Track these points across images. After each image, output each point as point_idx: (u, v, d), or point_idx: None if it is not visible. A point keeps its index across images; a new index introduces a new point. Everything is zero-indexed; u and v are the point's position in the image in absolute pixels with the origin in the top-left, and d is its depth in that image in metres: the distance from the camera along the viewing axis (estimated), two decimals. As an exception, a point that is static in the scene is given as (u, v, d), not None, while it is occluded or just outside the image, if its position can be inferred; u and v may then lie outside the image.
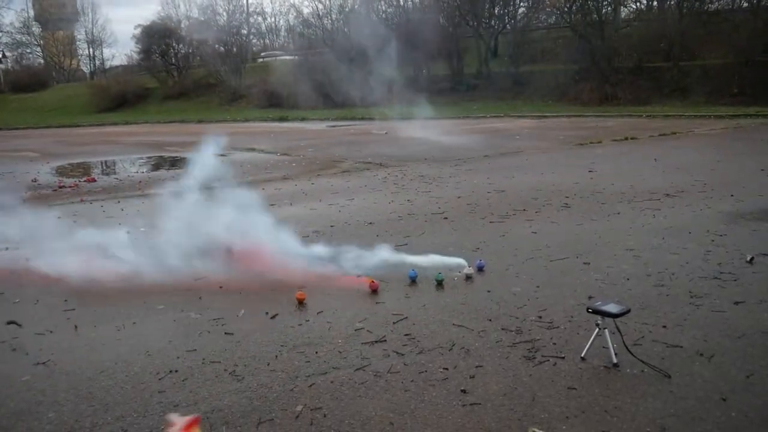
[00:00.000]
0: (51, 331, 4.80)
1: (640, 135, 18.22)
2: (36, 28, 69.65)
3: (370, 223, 8.10)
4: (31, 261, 6.43)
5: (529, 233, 7.21)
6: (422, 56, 40.59)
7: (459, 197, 9.69)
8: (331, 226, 8.01)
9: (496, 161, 13.97)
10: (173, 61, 51.00)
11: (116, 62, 68.20)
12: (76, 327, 4.86)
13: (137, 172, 15.30)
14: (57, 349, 4.45)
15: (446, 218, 8.23)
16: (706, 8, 35.27)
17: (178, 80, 50.18)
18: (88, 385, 3.88)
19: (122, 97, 48.42)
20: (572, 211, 8.28)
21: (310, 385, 3.74)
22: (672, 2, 37.06)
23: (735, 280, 5.31)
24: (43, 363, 4.22)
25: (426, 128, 21.70)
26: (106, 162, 17.98)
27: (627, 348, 3.91)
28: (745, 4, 34.76)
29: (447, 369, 3.88)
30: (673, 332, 4.30)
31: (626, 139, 17.54)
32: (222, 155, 17.25)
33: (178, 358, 4.21)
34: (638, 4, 42.44)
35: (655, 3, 40.00)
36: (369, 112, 28.47)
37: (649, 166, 12.10)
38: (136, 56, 54.67)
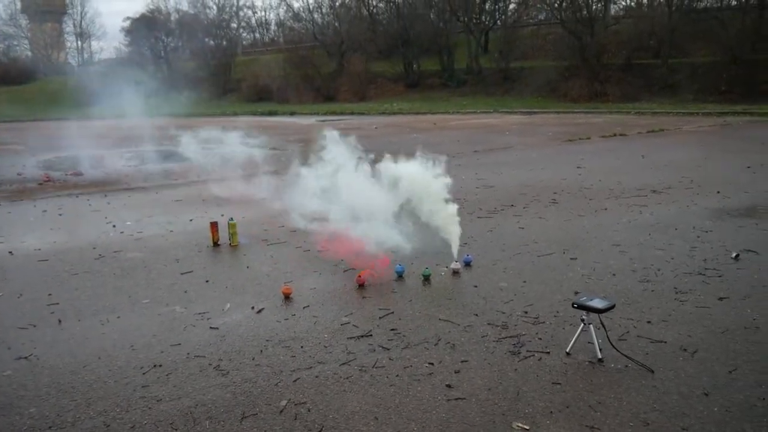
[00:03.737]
0: (34, 325, 4.75)
1: (628, 132, 18.31)
2: (23, 21, 68.92)
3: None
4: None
5: (516, 229, 7.22)
6: (413, 51, 40.55)
7: (447, 192, 9.65)
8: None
9: (486, 156, 13.97)
10: (162, 54, 50.68)
11: (105, 55, 67.71)
12: (59, 321, 4.82)
13: (126, 166, 15.18)
14: (40, 344, 4.41)
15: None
16: (695, 5, 35.47)
17: (167, 74, 49.86)
18: (71, 379, 3.84)
19: (109, 89, 48.01)
20: (560, 206, 8.31)
21: (295, 380, 3.73)
22: (661, -1, 37.21)
23: (719, 276, 5.34)
24: (26, 357, 4.18)
25: (416, 123, 21.69)
26: (93, 156, 17.83)
27: (611, 343, 3.92)
28: (734, 2, 35.00)
29: (432, 364, 3.88)
30: (658, 328, 4.32)
31: (615, 135, 17.62)
32: (209, 149, 17.18)
33: (162, 352, 4.18)
34: (628, 0, 42.59)
35: (644, 0, 40.15)
36: (359, 107, 28.45)
37: (637, 163, 12.15)
38: (125, 49, 54.33)
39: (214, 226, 7.03)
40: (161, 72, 50.13)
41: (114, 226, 8.07)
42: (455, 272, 5.65)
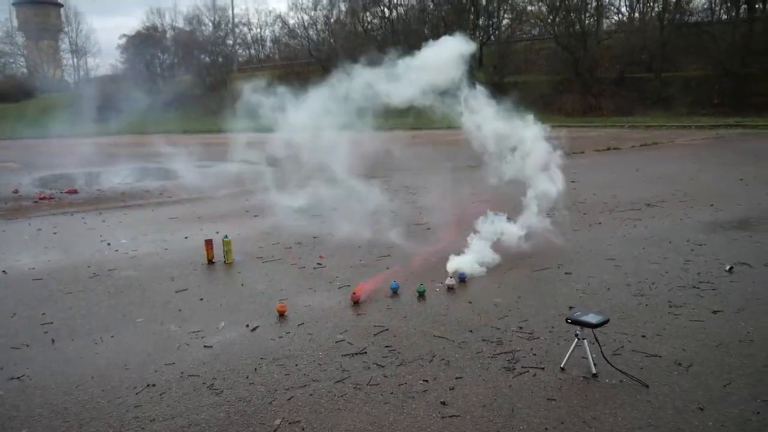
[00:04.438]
0: (27, 345, 4.72)
1: (622, 145, 18.41)
2: (20, 38, 69.19)
3: (354, 234, 8.06)
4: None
5: (513, 244, 7.20)
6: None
7: (442, 207, 9.69)
8: (314, 237, 7.99)
9: (480, 171, 14.00)
10: (158, 71, 50.88)
11: (101, 72, 67.87)
12: (53, 341, 4.79)
13: (121, 183, 15.18)
14: (33, 364, 4.38)
15: (429, 229, 8.24)
16: (686, 20, 35.84)
17: (163, 90, 49.99)
18: (63, 400, 3.82)
19: (106, 107, 48.11)
20: (554, 221, 8.31)
21: (289, 398, 3.71)
22: (653, 14, 37.59)
23: (713, 290, 5.35)
24: (18, 378, 4.15)
25: (410, 138, 21.76)
26: (89, 173, 17.83)
27: (606, 358, 3.92)
28: (724, 17, 35.34)
29: (427, 381, 3.86)
30: (652, 342, 4.32)
31: (609, 149, 17.72)
32: (204, 166, 17.20)
33: (155, 371, 4.16)
34: (620, 15, 43.00)
35: (636, 14, 40.56)
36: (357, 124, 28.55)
37: (631, 176, 12.21)
38: (120, 65, 54.51)
39: (208, 243, 7.02)
40: (157, 89, 50.28)
41: (109, 244, 8.05)
42: (450, 288, 5.64)
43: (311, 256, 7.01)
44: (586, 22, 37.22)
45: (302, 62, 47.69)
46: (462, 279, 5.86)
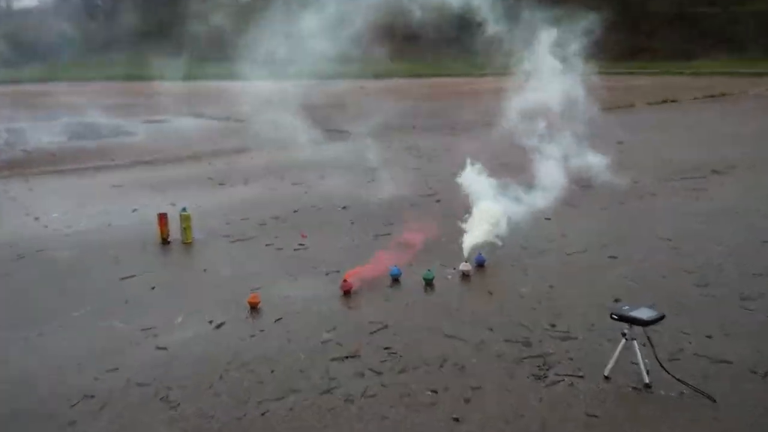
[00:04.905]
0: (-66, 346, 4.70)
1: (681, 97, 18.34)
2: None
3: (344, 207, 8.07)
4: None
5: (541, 220, 7.20)
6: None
7: (454, 174, 9.65)
8: (295, 211, 7.97)
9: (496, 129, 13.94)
10: (98, 2, 50.44)
11: (24, 4, 67.21)
12: (-34, 340, 4.76)
13: (51, 142, 15.09)
14: (-60, 369, 4.36)
15: (439, 201, 8.23)
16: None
17: (104, 27, 49.60)
18: (-22, 414, 3.80)
19: (32, 48, 47.79)
20: (596, 191, 8.30)
21: (263, 413, 3.69)
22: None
23: (796, 278, 5.35)
24: None
25: (416, 88, 21.65)
26: (9, 129, 17.71)
27: (661, 364, 3.89)
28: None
29: (436, 391, 3.85)
30: (720, 343, 4.30)
31: (664, 102, 17.66)
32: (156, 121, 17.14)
33: (96, 379, 4.13)
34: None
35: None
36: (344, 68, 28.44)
37: (692, 136, 12.17)
38: (50, -4, 53.97)
39: (162, 218, 6.99)
40: (96, 25, 49.84)
41: (37, 218, 8.02)
42: (465, 275, 5.63)
43: (291, 235, 6.98)
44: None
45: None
46: (480, 263, 5.84)
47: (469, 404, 3.71)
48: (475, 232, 6.11)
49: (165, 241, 6.92)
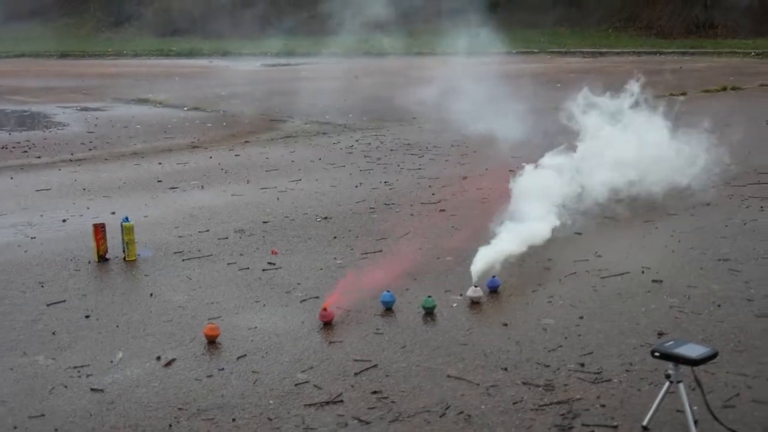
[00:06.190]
0: None
1: (745, 83, 18.44)
2: None
3: (325, 217, 8.12)
4: None
5: (570, 234, 7.24)
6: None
7: (464, 178, 9.74)
8: (265, 222, 8.00)
9: (520, 124, 14.02)
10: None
11: None
12: None
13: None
14: None
15: (443, 210, 8.27)
16: None
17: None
18: None
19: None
20: (635, 201, 8.33)
21: (223, 472, 3.74)
22: None
23: None
24: None
25: (416, 71, 21.71)
26: None
27: (712, 412, 3.92)
28: None
29: (436, 446, 3.89)
30: (785, 388, 4.36)
31: (725, 89, 17.75)
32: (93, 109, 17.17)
33: (15, 428, 4.17)
34: None
35: None
36: (324, 44, 28.49)
37: (759, 133, 12.23)
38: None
39: (99, 230, 7.00)
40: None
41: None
42: (474, 302, 5.67)
43: (259, 252, 7.03)
44: None
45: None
46: (494, 288, 5.87)
47: (477, 462, 3.76)
48: (493, 249, 6.17)
49: (102, 259, 6.93)
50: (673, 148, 8.59)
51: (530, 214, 6.75)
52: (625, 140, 8.47)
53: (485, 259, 6.06)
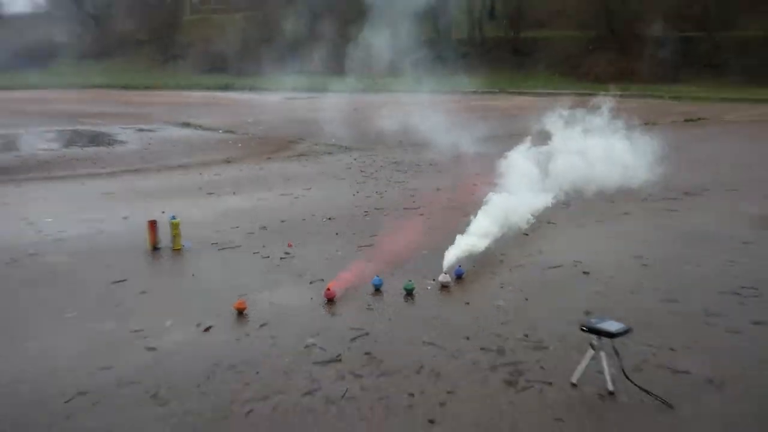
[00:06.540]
0: (-70, 343, 4.81)
1: (660, 120, 18.54)
2: None
3: (330, 218, 8.20)
4: None
5: (520, 235, 7.34)
6: (398, 15, 40.51)
7: (438, 189, 9.85)
8: (282, 221, 8.09)
9: (483, 147, 14.13)
10: (91, 10, 50.34)
11: (16, 9, 66.80)
12: (-37, 338, 4.88)
13: (44, 149, 15.14)
14: (-64, 366, 4.47)
15: (422, 215, 8.38)
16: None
17: (97, 35, 49.56)
18: (-25, 410, 3.92)
19: (26, 53, 47.62)
20: (573, 209, 8.44)
21: (248, 413, 3.84)
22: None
23: (757, 297, 5.52)
24: None
25: (403, 105, 21.79)
26: (3, 136, 17.74)
27: (625, 373, 4.05)
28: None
29: (413, 395, 4.00)
30: (681, 356, 4.47)
31: (645, 124, 17.79)
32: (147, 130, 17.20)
33: (89, 376, 4.27)
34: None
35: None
36: (335, 83, 28.57)
37: (669, 159, 12.33)
38: (42, 2, 53.83)
39: (152, 225, 7.09)
40: (89, 33, 49.74)
41: (30, 223, 8.09)
42: (444, 286, 5.78)
43: (278, 244, 7.11)
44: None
45: (272, 3, 47.28)
46: (459, 275, 5.99)
47: (444, 408, 3.87)
48: (460, 245, 6.29)
49: (155, 248, 7.03)
50: (602, 167, 8.69)
51: (488, 220, 6.84)
52: (566, 160, 8.60)
53: (453, 252, 6.19)
